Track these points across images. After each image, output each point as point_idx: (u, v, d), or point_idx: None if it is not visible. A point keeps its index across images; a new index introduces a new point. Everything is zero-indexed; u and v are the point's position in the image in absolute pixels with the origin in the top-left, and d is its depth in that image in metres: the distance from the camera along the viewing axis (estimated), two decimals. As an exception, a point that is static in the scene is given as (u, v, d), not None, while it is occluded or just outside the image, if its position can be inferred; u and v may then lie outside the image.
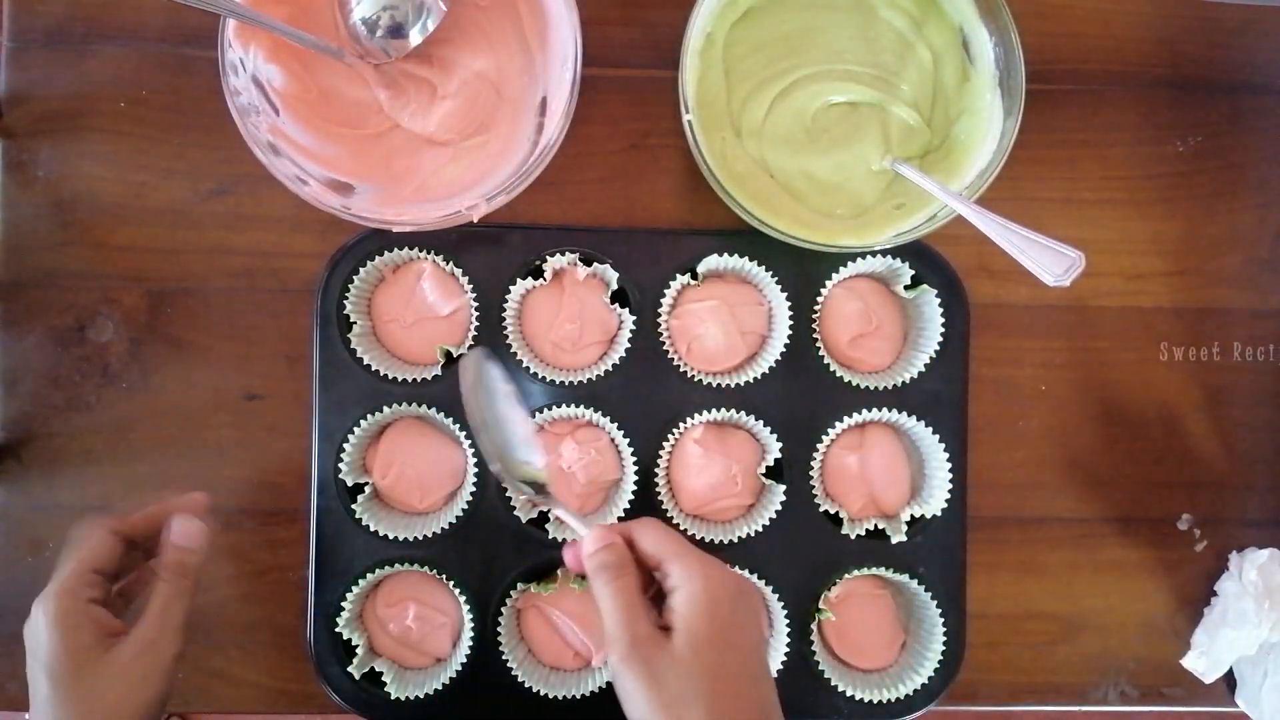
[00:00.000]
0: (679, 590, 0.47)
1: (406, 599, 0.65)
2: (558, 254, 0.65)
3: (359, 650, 0.63)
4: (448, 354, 0.65)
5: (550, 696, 0.63)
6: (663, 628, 0.47)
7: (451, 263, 0.65)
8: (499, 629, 0.63)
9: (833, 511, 0.66)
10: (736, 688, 0.46)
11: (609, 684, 0.63)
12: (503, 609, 0.64)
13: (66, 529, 0.65)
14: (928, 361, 0.65)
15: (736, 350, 0.66)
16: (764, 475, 0.66)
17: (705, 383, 0.65)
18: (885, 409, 0.65)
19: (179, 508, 0.55)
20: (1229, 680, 0.70)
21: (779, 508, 0.64)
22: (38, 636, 0.48)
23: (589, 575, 0.49)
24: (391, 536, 0.63)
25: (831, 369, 0.65)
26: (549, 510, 0.63)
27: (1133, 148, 0.70)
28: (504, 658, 0.63)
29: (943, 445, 0.65)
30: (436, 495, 0.66)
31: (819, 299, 0.66)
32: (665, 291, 0.65)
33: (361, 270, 0.64)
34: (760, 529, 0.64)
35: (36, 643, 0.49)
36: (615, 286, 0.65)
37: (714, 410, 0.65)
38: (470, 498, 0.64)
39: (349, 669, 0.63)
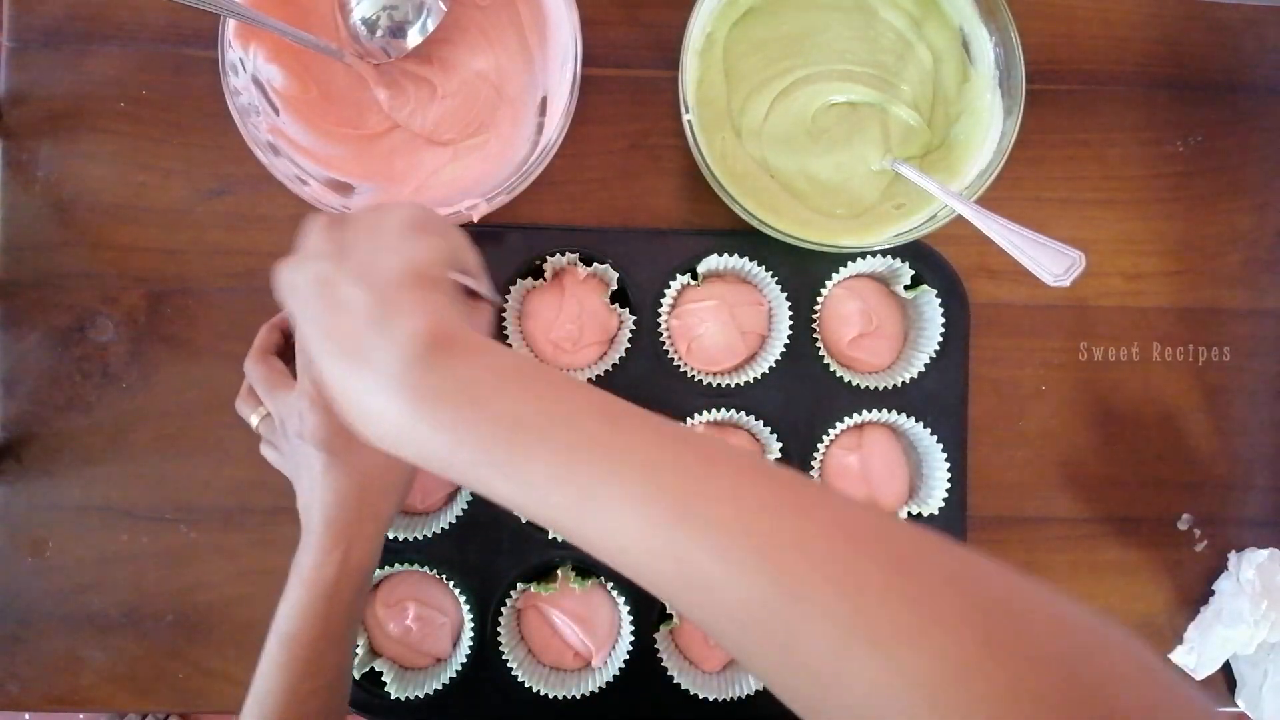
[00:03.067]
0: None
1: (406, 599, 0.65)
2: (558, 254, 0.65)
3: (359, 650, 0.63)
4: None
5: (550, 696, 0.63)
6: None
7: (451, 263, 0.65)
8: (499, 629, 0.63)
9: (833, 511, 0.66)
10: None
11: (609, 684, 0.63)
12: (503, 609, 0.64)
13: (66, 529, 0.65)
14: (928, 361, 0.65)
15: (736, 350, 0.66)
16: (764, 475, 0.65)
17: (705, 383, 0.65)
18: (885, 409, 0.65)
19: None
20: (1229, 680, 0.70)
21: (779, 508, 0.64)
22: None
23: None
24: (391, 536, 0.63)
25: (831, 369, 0.65)
26: None
27: (1133, 148, 0.70)
28: (504, 658, 0.63)
29: (941, 445, 0.65)
30: (436, 495, 0.66)
31: (819, 299, 0.66)
32: (665, 291, 0.65)
33: (361, 270, 0.64)
34: (760, 529, 0.64)
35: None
36: (615, 286, 0.65)
37: (714, 410, 0.65)
38: (470, 498, 0.64)
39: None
